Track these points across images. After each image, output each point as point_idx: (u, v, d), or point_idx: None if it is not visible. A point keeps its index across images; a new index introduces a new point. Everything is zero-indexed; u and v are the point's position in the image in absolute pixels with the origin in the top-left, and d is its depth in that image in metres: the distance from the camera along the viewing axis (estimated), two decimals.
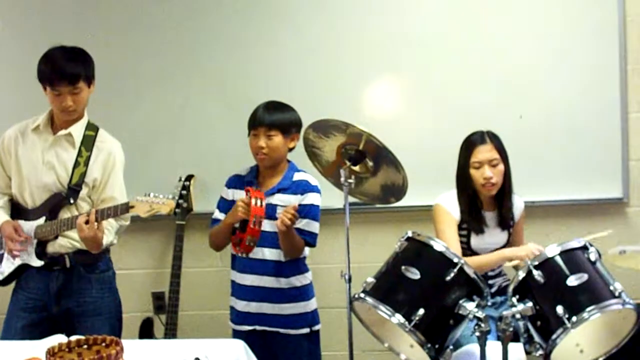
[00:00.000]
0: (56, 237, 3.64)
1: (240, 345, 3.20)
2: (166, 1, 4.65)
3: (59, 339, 3.01)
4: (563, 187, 4.45)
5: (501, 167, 3.74)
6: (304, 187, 3.76)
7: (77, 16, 4.68)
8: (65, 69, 3.53)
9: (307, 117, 3.61)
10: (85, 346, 2.78)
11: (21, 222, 3.68)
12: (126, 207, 3.46)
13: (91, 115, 3.77)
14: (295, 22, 4.58)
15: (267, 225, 3.62)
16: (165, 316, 4.48)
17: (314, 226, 3.75)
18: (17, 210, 3.75)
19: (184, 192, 4.43)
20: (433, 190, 3.92)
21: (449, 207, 3.82)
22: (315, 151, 3.62)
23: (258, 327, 3.78)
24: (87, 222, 3.43)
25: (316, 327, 3.85)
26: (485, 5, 4.45)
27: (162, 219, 4.49)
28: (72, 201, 3.64)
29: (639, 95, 4.43)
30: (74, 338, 2.81)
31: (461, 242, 3.79)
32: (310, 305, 3.84)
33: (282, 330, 3.77)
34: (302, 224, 3.72)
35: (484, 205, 3.83)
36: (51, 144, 3.69)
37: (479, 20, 4.45)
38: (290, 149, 3.78)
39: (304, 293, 3.82)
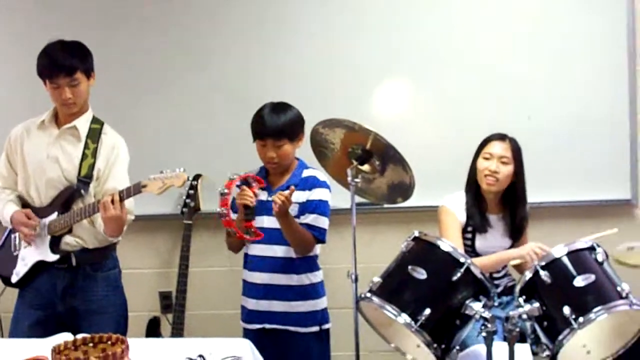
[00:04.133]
0: (70, 231, 3.65)
1: (246, 344, 3.18)
2: (176, 5, 4.67)
3: (64, 337, 3.00)
4: (571, 188, 4.46)
5: (510, 168, 3.74)
6: (312, 183, 3.75)
7: (83, 16, 4.70)
8: (61, 61, 3.55)
9: (316, 120, 3.58)
10: (91, 344, 2.76)
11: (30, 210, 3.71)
12: (139, 187, 3.45)
13: (99, 115, 3.79)
14: (305, 26, 4.60)
15: (275, 223, 3.62)
16: (172, 315, 4.49)
17: (322, 221, 3.73)
18: (27, 208, 3.74)
19: (191, 191, 4.43)
20: (440, 191, 3.93)
21: (454, 209, 3.83)
22: (323, 151, 3.62)
23: (267, 325, 3.78)
24: (112, 202, 3.45)
25: (326, 326, 3.84)
26: (493, 9, 4.46)
27: (171, 218, 4.55)
28: (83, 193, 3.65)
29: None
30: (79, 336, 2.80)
31: (466, 244, 3.80)
32: (321, 303, 3.83)
33: (291, 328, 3.76)
34: (310, 219, 3.71)
35: (488, 207, 3.84)
36: (56, 138, 3.71)
37: (486, 23, 4.47)
38: (297, 147, 3.78)
39: (314, 291, 3.81)
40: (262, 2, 4.62)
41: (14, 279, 3.77)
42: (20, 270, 3.75)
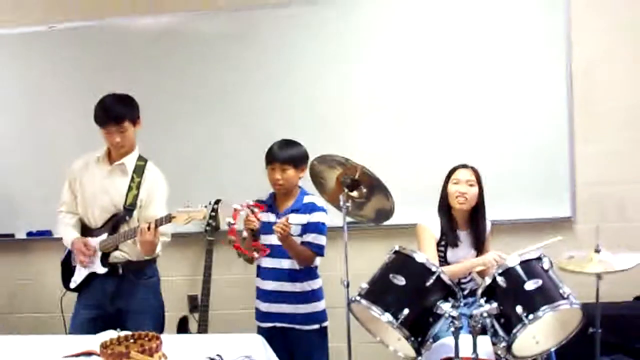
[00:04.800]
0: (116, 248, 3.69)
1: (259, 339, 3.20)
2: (201, 60, 4.72)
3: (110, 334, 3.02)
4: (522, 208, 4.46)
5: (475, 189, 3.76)
6: (312, 208, 3.76)
7: (128, 69, 4.77)
8: (112, 112, 3.60)
9: (315, 152, 3.63)
10: (132, 340, 2.81)
11: (88, 238, 3.74)
12: (169, 218, 3.52)
13: (141, 150, 3.84)
14: (305, 75, 4.63)
15: None
16: (199, 315, 4.49)
17: (320, 239, 3.74)
18: (84, 229, 3.80)
19: (213, 214, 4.43)
20: (416, 211, 3.93)
21: (430, 226, 3.82)
22: (320, 181, 3.65)
23: (278, 324, 3.79)
24: (148, 229, 3.50)
25: (325, 324, 3.84)
26: (459, 63, 4.49)
27: (197, 235, 4.57)
28: (127, 219, 3.70)
29: (583, 131, 4.46)
30: (122, 334, 2.84)
31: (439, 255, 3.79)
32: (321, 305, 3.83)
33: (297, 327, 3.77)
34: (311, 237, 3.72)
35: (458, 224, 3.84)
36: (108, 172, 3.75)
37: (454, 73, 4.50)
38: (300, 177, 3.79)
39: (315, 295, 3.81)
40: (269, 52, 4.65)
41: (72, 285, 3.82)
42: (77, 278, 3.79)
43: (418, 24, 4.53)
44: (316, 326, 3.79)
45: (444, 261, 3.79)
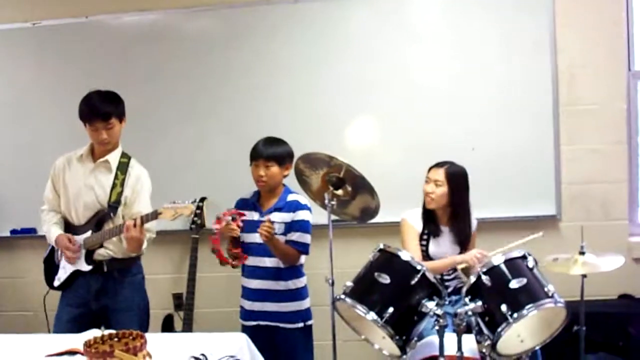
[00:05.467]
0: (101, 246, 3.66)
1: (243, 337, 3.17)
2: (188, 59, 4.68)
3: (95, 333, 3.00)
4: (507, 206, 4.46)
5: (443, 189, 3.75)
6: (296, 206, 3.75)
7: (114, 68, 4.71)
8: (99, 108, 3.56)
9: (299, 151, 3.61)
10: (116, 339, 2.78)
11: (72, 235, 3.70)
12: (155, 214, 3.49)
13: (131, 149, 3.82)
14: (291, 75, 4.60)
15: None
16: (183, 313, 4.47)
17: (305, 237, 3.74)
18: (67, 226, 3.77)
19: (198, 211, 4.40)
20: (400, 210, 3.94)
21: (412, 221, 3.84)
22: (305, 179, 3.63)
23: (262, 323, 3.78)
24: (134, 226, 3.47)
25: (309, 322, 3.84)
26: (444, 64, 4.48)
27: (181, 233, 4.55)
28: (112, 216, 3.66)
29: (568, 131, 4.46)
30: (107, 332, 2.81)
31: (421, 249, 3.80)
32: (305, 304, 3.82)
33: (281, 325, 3.76)
34: (295, 236, 3.71)
35: (440, 221, 3.85)
36: (91, 170, 3.71)
37: (439, 74, 4.48)
38: (285, 176, 3.78)
39: (299, 294, 3.80)
40: (259, 51, 4.62)
41: (56, 283, 3.79)
42: (61, 276, 3.76)
43: (406, 27, 4.50)
44: (301, 324, 3.79)
45: (425, 255, 3.80)
